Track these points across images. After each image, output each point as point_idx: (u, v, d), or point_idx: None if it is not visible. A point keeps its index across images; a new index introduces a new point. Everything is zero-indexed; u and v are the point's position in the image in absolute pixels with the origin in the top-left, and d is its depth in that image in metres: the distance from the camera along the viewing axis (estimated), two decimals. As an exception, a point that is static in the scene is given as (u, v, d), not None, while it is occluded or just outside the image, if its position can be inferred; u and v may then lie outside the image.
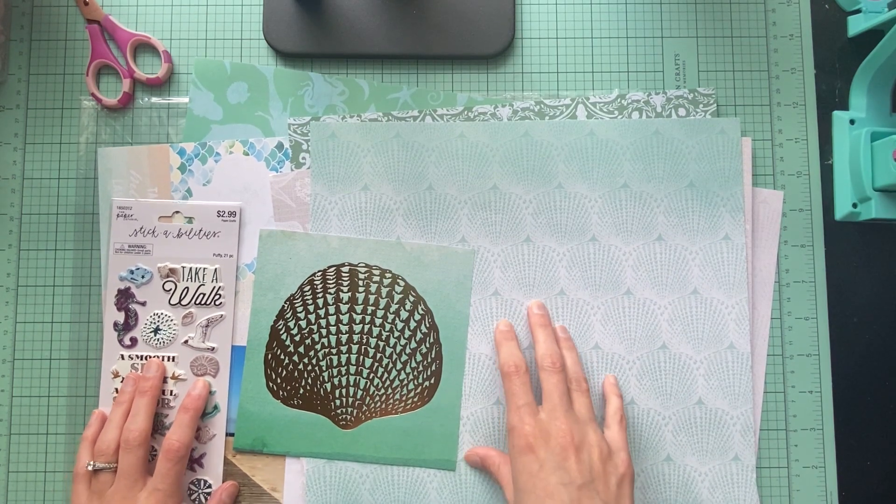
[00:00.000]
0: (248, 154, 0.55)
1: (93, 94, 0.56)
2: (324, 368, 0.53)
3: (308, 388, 0.53)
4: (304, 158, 0.55)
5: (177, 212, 0.54)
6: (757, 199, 0.55)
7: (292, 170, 0.55)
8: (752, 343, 0.54)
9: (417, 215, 0.55)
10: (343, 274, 0.54)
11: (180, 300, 0.54)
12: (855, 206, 0.55)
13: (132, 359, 0.54)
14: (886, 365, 0.55)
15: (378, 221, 0.55)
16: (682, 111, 0.55)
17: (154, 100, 0.56)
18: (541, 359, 0.49)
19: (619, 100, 0.56)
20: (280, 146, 0.55)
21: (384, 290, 0.54)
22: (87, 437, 0.51)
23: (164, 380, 0.53)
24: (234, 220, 0.54)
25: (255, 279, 0.54)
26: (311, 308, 0.54)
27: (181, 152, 0.55)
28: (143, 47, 0.57)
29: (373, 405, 0.53)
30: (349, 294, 0.54)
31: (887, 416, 0.54)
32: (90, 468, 0.49)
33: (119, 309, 0.54)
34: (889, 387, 0.55)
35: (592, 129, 0.55)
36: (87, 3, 0.56)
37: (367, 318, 0.54)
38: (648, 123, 0.55)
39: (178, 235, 0.54)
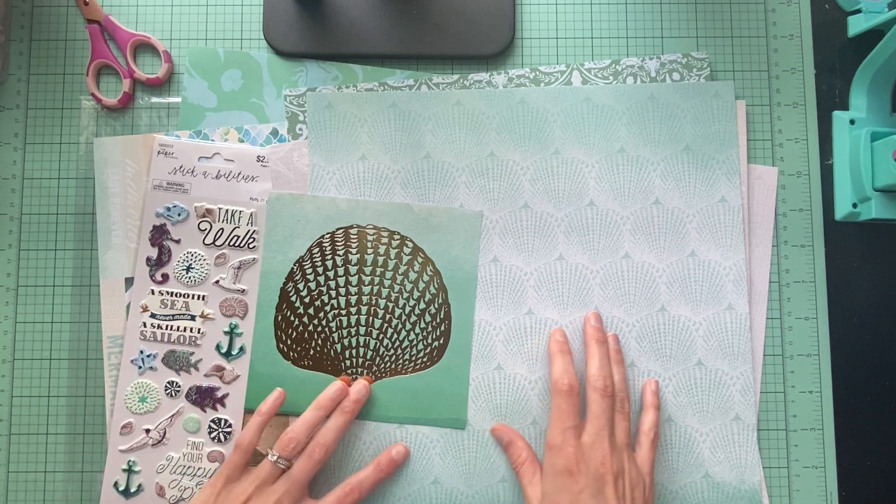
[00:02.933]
0: (242, 141, 0.55)
1: (93, 94, 0.56)
2: (333, 329, 0.54)
3: (318, 349, 0.54)
4: (300, 129, 0.55)
5: (217, 153, 0.55)
6: (752, 175, 0.55)
7: (289, 141, 0.55)
8: (750, 304, 0.54)
9: (416, 183, 0.55)
10: (351, 236, 0.54)
11: (214, 241, 0.54)
12: (855, 206, 0.54)
13: (162, 294, 0.54)
14: (886, 365, 0.55)
15: (376, 190, 0.55)
16: (675, 76, 0.56)
17: (154, 100, 0.56)
18: (594, 378, 0.49)
19: (613, 65, 0.56)
20: (275, 132, 0.56)
21: (392, 252, 0.54)
22: (264, 412, 0.51)
23: (193, 318, 0.54)
24: None
25: (265, 241, 0.54)
26: (320, 270, 0.54)
27: (176, 138, 0.56)
28: (143, 47, 0.57)
29: (382, 365, 0.53)
30: (358, 256, 0.54)
31: (887, 416, 0.55)
32: (272, 459, 0.48)
33: (153, 245, 0.54)
34: (889, 387, 0.55)
35: (588, 94, 0.55)
36: (87, 3, 0.56)
37: (376, 280, 0.54)
38: (643, 88, 0.55)
39: (217, 177, 0.54)
